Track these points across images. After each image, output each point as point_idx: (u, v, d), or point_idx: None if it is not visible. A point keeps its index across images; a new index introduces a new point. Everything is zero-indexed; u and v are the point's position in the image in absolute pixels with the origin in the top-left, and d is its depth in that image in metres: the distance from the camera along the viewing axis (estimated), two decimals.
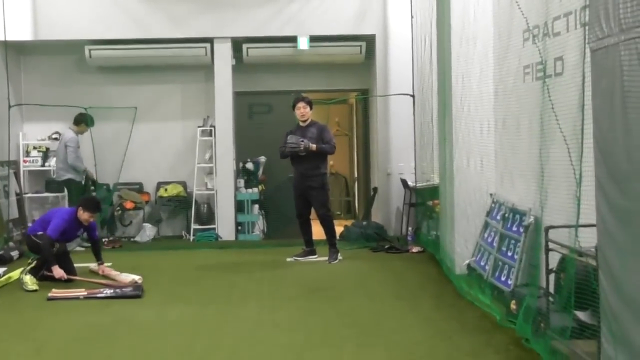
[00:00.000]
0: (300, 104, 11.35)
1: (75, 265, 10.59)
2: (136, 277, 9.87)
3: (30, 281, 9.75)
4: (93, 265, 10.65)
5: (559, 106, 6.77)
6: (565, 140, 6.43)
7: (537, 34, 7.77)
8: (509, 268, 8.35)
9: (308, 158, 11.17)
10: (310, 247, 11.66)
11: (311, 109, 11.47)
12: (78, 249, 12.97)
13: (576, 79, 6.12)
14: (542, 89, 7.21)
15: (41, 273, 9.98)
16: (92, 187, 13.65)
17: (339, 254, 11.47)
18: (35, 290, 9.60)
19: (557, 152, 6.81)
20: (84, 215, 10.27)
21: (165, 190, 14.57)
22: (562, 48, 7.05)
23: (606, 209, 4.57)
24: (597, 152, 4.71)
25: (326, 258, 11.46)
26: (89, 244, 11.59)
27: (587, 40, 5.01)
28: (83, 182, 13.28)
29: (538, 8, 7.70)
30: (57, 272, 9.89)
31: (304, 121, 11.38)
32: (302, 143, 11.07)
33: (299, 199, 11.53)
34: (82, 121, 13.61)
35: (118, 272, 10.26)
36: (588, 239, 5.57)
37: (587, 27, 5.18)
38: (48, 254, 9.99)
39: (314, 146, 11.06)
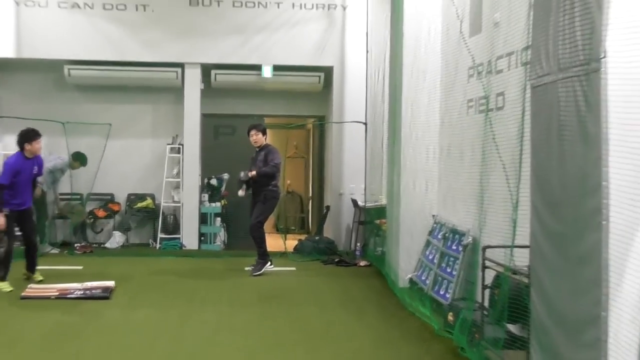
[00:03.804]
0: (252, 132, 11.28)
1: (48, 267, 10.47)
2: (110, 283, 9.71)
3: (2, 286, 9.57)
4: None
5: (499, 137, 6.81)
6: (504, 168, 6.47)
7: (481, 70, 7.83)
8: (447, 283, 8.37)
9: (258, 180, 11.06)
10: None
11: (264, 134, 11.29)
12: (52, 251, 12.88)
13: (516, 112, 6.16)
14: (484, 121, 7.25)
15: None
16: None
17: (266, 267, 11.18)
18: (11, 291, 9.44)
19: (496, 179, 6.84)
20: (33, 146, 9.74)
21: (141, 202, 14.49)
22: (504, 84, 7.10)
23: (540, 232, 4.60)
24: (533, 179, 4.74)
25: (283, 268, 11.43)
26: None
27: (528, 77, 5.06)
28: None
29: (483, 47, 7.76)
30: (0, 220, 9.48)
31: (258, 146, 11.29)
32: (245, 175, 11.08)
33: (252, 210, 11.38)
34: (78, 159, 13.55)
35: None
36: (522, 259, 5.60)
37: (528, 66, 5.23)
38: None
39: (253, 173, 10.97)
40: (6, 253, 9.75)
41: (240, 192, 11.33)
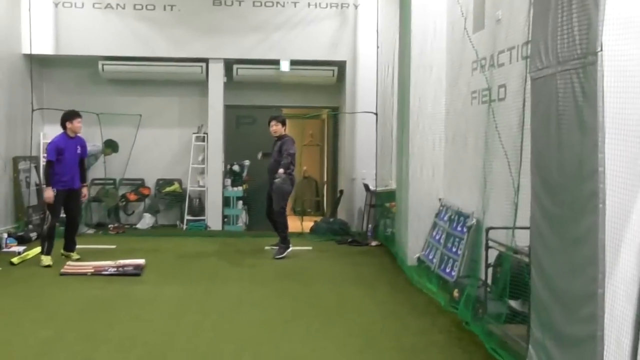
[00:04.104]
0: (272, 122, 11.06)
1: (84, 246, 10.53)
2: (141, 261, 9.73)
3: (45, 259, 9.68)
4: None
5: (501, 126, 6.76)
6: (506, 155, 6.43)
7: (484, 64, 7.77)
8: (453, 262, 8.33)
9: (272, 167, 10.87)
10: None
11: (283, 125, 11.09)
12: (88, 232, 12.92)
13: (517, 103, 6.11)
14: (487, 111, 7.20)
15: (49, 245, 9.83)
16: None
17: (287, 251, 10.83)
18: (50, 266, 9.54)
19: (498, 165, 6.80)
20: (73, 124, 9.95)
21: (169, 186, 14.54)
22: (506, 77, 7.03)
23: (539, 214, 4.55)
24: (533, 165, 4.69)
25: (300, 248, 11.38)
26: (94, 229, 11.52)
27: (528, 70, 5.00)
28: None
29: (486, 42, 7.70)
30: (48, 193, 9.64)
31: (277, 136, 11.08)
32: (280, 178, 10.64)
33: (268, 202, 11.15)
34: (109, 146, 13.70)
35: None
36: (522, 239, 5.56)
37: (528, 60, 5.17)
38: (45, 174, 9.87)
39: (281, 171, 10.62)
40: (49, 230, 9.83)
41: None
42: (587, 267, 3.86)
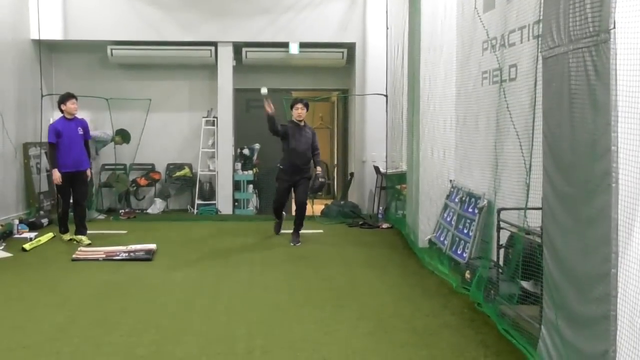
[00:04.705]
0: (299, 105, 10.68)
1: (95, 231, 10.57)
2: (152, 246, 9.77)
3: (65, 236, 10.31)
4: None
5: (512, 106, 6.73)
6: (517, 136, 6.40)
7: (495, 44, 7.72)
8: (464, 243, 8.33)
9: (305, 155, 10.56)
10: (281, 219, 11.28)
11: (307, 110, 10.82)
12: (99, 217, 12.97)
13: (528, 83, 6.08)
14: (498, 92, 7.16)
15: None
16: None
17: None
18: (70, 240, 10.19)
19: (509, 146, 6.78)
20: (67, 106, 10.12)
21: (179, 171, 14.55)
22: (517, 57, 6.98)
23: (552, 195, 4.53)
24: (545, 145, 4.67)
25: (311, 231, 11.42)
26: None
27: (539, 49, 4.96)
28: None
29: (497, 22, 7.65)
30: (55, 174, 9.90)
31: (300, 121, 10.72)
32: (323, 179, 10.68)
33: (285, 190, 10.86)
34: (119, 134, 13.90)
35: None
36: (534, 220, 5.55)
37: (539, 39, 5.13)
38: (49, 157, 10.24)
39: (319, 169, 10.61)
40: (63, 213, 10.32)
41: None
42: (600, 247, 3.84)
